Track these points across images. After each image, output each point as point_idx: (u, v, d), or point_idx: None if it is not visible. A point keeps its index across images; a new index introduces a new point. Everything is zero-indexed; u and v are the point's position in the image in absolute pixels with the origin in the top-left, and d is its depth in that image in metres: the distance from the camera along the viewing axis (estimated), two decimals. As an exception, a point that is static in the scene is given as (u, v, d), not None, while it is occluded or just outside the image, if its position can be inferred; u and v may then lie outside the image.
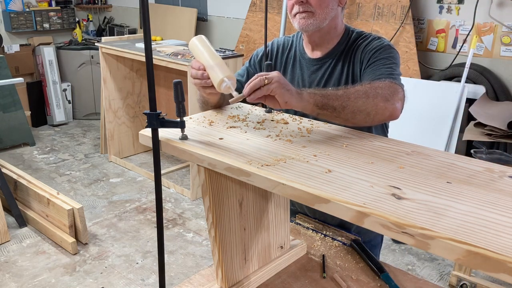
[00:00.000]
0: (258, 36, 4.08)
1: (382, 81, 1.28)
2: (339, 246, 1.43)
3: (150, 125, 1.02)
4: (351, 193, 0.84)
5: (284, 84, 1.11)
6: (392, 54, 1.40)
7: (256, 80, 1.09)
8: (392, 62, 1.38)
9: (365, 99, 1.20)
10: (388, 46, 1.42)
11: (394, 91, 1.26)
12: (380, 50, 1.40)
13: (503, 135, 2.61)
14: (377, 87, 1.24)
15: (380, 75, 1.34)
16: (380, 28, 3.39)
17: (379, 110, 1.21)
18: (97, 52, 5.07)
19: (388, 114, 1.23)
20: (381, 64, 1.37)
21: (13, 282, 2.68)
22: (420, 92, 3.12)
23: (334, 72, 1.48)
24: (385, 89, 1.24)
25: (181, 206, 3.64)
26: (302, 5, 1.40)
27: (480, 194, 0.84)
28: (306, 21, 1.41)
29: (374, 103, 1.20)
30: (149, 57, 0.94)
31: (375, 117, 1.22)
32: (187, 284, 1.27)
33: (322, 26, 1.43)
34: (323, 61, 1.50)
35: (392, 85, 1.27)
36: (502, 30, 3.07)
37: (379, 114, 1.22)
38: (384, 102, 1.22)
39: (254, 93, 1.10)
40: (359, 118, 1.20)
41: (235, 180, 1.12)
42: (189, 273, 2.79)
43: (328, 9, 1.41)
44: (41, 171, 4.20)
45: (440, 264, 2.89)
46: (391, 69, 1.36)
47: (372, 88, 1.23)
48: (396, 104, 1.24)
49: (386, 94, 1.23)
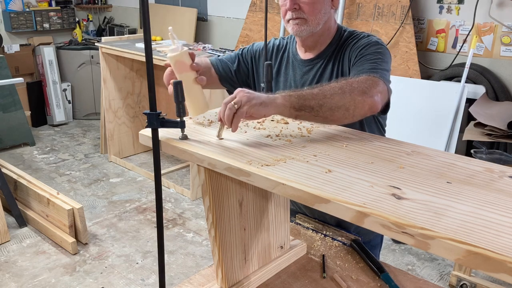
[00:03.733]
0: (258, 36, 4.08)
1: (359, 76, 1.26)
2: (339, 246, 1.43)
3: (150, 125, 1.02)
4: (351, 193, 0.84)
5: (253, 100, 1.07)
6: (379, 50, 1.38)
7: (227, 111, 1.07)
8: (378, 58, 1.36)
9: (342, 95, 1.17)
10: (376, 42, 1.40)
11: (372, 84, 1.23)
12: (366, 47, 1.39)
13: (503, 135, 2.61)
14: (353, 82, 1.22)
15: (361, 70, 1.32)
16: (380, 28, 3.39)
17: (357, 104, 1.18)
18: (97, 52, 5.07)
19: (367, 108, 1.21)
20: (365, 60, 1.36)
21: (13, 282, 2.68)
22: (420, 92, 3.12)
23: (325, 72, 1.48)
24: (361, 82, 1.22)
25: (181, 206, 3.64)
26: (295, 11, 1.40)
27: (480, 194, 0.84)
28: (299, 27, 1.41)
29: (351, 98, 1.18)
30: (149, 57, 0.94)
31: (354, 112, 1.19)
32: (187, 284, 1.27)
33: (315, 31, 1.43)
34: (314, 62, 1.50)
35: (370, 78, 1.25)
36: (502, 30, 3.07)
37: (358, 108, 1.19)
38: (361, 95, 1.19)
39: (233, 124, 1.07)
40: (338, 114, 1.17)
41: (235, 180, 1.12)
42: (189, 273, 2.79)
43: (320, 14, 1.41)
44: (41, 171, 4.20)
45: (440, 264, 2.89)
46: (375, 64, 1.33)
47: (347, 84, 1.21)
48: (374, 97, 1.21)
49: (362, 88, 1.20)
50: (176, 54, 1.16)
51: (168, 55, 1.17)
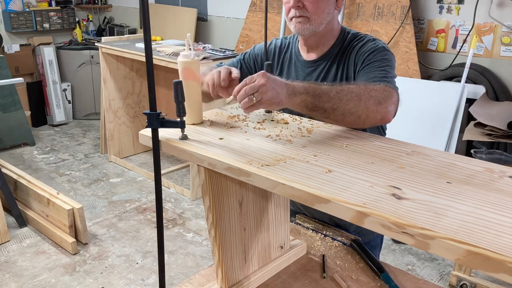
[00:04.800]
0: (258, 36, 4.08)
1: (377, 84, 1.27)
2: (339, 246, 1.43)
3: (150, 125, 1.02)
4: (351, 193, 0.84)
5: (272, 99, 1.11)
6: (386, 56, 1.39)
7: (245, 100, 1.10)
8: (387, 65, 1.37)
9: (357, 102, 1.19)
10: (383, 48, 1.41)
11: (388, 95, 1.24)
12: (374, 52, 1.39)
13: (503, 135, 2.61)
14: (372, 90, 1.23)
15: (373, 77, 1.32)
16: (380, 28, 3.39)
17: (370, 113, 1.20)
18: (97, 52, 5.07)
19: (379, 118, 1.22)
20: (374, 67, 1.36)
21: (13, 282, 2.68)
22: (420, 92, 3.12)
23: (329, 74, 1.47)
24: (379, 91, 1.23)
25: (181, 206, 3.64)
26: (298, 9, 1.40)
27: (480, 194, 0.84)
28: (302, 25, 1.41)
29: (365, 106, 1.19)
30: (149, 57, 0.94)
31: (366, 120, 1.21)
32: (187, 284, 1.27)
33: (318, 30, 1.43)
34: (317, 63, 1.50)
35: (386, 88, 1.26)
36: (502, 30, 3.07)
37: (370, 118, 1.20)
38: (377, 105, 1.21)
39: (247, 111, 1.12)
40: (349, 120, 1.19)
41: (235, 180, 1.12)
42: (189, 273, 2.79)
43: (324, 14, 1.41)
44: (41, 171, 4.20)
45: (440, 264, 2.89)
46: (385, 72, 1.35)
47: (366, 90, 1.22)
48: (389, 108, 1.23)
49: (379, 97, 1.22)
50: (186, 61, 1.17)
51: (179, 59, 1.17)
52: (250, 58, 1.61)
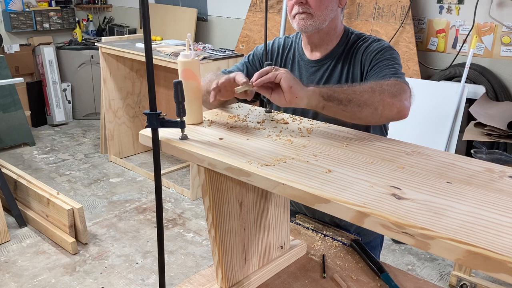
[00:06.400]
0: (258, 36, 4.08)
1: (388, 80, 1.28)
2: (339, 246, 1.43)
3: (150, 125, 1.01)
4: (351, 193, 0.84)
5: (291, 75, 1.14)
6: (393, 55, 1.40)
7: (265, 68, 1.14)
8: (395, 63, 1.38)
9: (371, 93, 1.19)
10: (389, 47, 1.42)
11: (401, 89, 1.24)
12: (381, 52, 1.40)
13: (503, 135, 2.61)
14: (383, 84, 1.23)
15: (384, 76, 1.33)
16: (380, 28, 3.39)
17: (386, 105, 1.19)
18: (97, 52, 5.07)
19: (396, 111, 1.21)
20: (384, 66, 1.37)
21: (13, 282, 2.68)
22: (420, 92, 3.12)
23: (333, 73, 1.47)
24: (391, 86, 1.23)
25: (181, 206, 3.64)
26: (301, 6, 1.39)
27: (480, 194, 0.84)
28: (305, 22, 1.40)
29: (380, 98, 1.19)
30: (149, 57, 0.94)
31: (382, 113, 1.20)
32: (187, 284, 1.27)
33: (321, 27, 1.42)
34: (322, 62, 1.49)
35: (398, 83, 1.26)
36: (502, 30, 3.07)
37: (386, 110, 1.20)
38: (391, 98, 1.20)
39: (261, 79, 1.13)
40: (366, 112, 1.18)
41: (235, 180, 1.12)
42: (189, 273, 2.79)
43: (327, 10, 1.41)
44: (41, 171, 4.20)
45: (440, 264, 2.89)
46: (395, 69, 1.36)
47: (378, 85, 1.22)
48: (404, 102, 1.23)
49: (393, 91, 1.22)
50: (186, 61, 1.17)
51: (179, 59, 1.17)
52: (255, 59, 1.61)
